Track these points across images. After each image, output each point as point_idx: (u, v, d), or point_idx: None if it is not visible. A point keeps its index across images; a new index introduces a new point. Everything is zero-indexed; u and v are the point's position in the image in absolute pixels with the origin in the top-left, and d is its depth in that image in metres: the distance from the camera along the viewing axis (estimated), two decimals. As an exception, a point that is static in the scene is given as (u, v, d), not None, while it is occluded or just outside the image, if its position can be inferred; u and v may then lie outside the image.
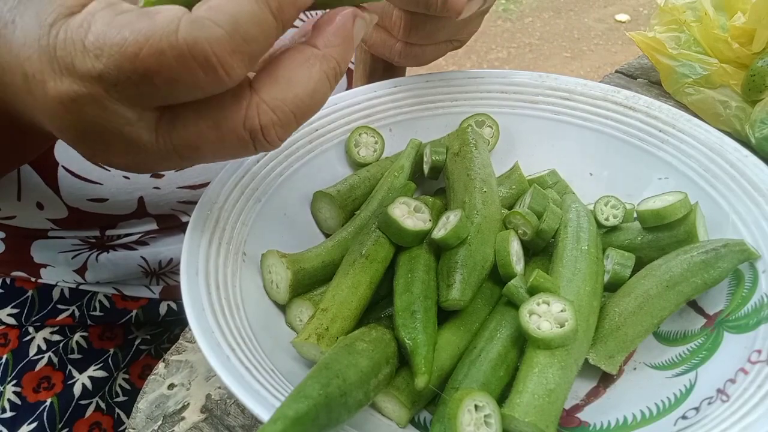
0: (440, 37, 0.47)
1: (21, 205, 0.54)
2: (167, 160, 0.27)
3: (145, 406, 0.39)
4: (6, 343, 0.58)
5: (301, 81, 0.27)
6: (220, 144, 0.26)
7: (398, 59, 0.48)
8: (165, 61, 0.23)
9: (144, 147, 0.27)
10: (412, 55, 0.47)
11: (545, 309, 0.34)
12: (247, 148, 0.27)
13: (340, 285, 0.37)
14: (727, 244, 0.37)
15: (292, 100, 0.27)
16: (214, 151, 0.27)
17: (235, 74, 0.24)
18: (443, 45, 0.48)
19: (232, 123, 0.26)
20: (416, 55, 0.47)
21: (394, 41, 0.47)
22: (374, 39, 0.47)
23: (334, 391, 0.26)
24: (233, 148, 0.27)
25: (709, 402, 0.31)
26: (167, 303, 0.62)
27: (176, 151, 0.27)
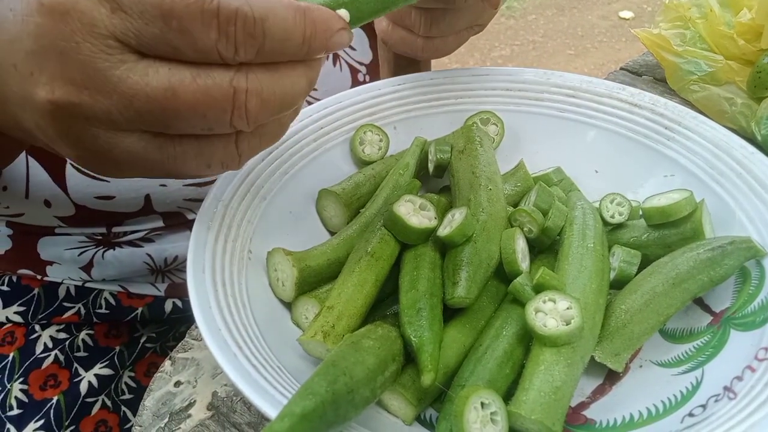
0: (461, 26, 0.47)
1: (29, 203, 0.54)
2: (141, 119, 0.27)
3: (151, 403, 0.39)
4: (13, 341, 0.58)
5: (294, 82, 0.28)
6: (200, 95, 0.26)
7: (421, 54, 0.48)
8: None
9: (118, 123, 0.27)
10: (434, 49, 0.47)
11: (551, 306, 0.34)
12: (224, 111, 0.27)
13: (346, 283, 0.37)
14: (734, 242, 0.37)
15: (280, 90, 0.27)
16: (192, 103, 0.26)
17: (241, 53, 0.25)
18: (464, 32, 0.48)
19: (220, 76, 0.26)
20: (438, 48, 0.48)
21: (415, 37, 0.47)
22: (395, 38, 0.48)
23: (341, 389, 0.26)
24: (212, 104, 0.26)
25: (716, 399, 0.31)
26: (173, 300, 0.63)
27: (151, 102, 0.26)
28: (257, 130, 0.30)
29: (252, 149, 0.30)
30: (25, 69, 0.26)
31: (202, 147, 0.29)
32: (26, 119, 0.29)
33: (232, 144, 0.29)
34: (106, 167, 0.30)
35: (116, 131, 0.27)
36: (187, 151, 0.28)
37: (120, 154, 0.28)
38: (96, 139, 0.27)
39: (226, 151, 0.29)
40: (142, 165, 0.29)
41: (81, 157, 0.29)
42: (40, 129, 0.28)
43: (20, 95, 0.27)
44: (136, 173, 0.30)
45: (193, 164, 0.29)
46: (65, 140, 0.28)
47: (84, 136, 0.27)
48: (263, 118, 0.28)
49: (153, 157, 0.28)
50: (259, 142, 0.30)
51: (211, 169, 0.30)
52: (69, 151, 0.29)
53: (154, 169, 0.29)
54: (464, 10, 0.45)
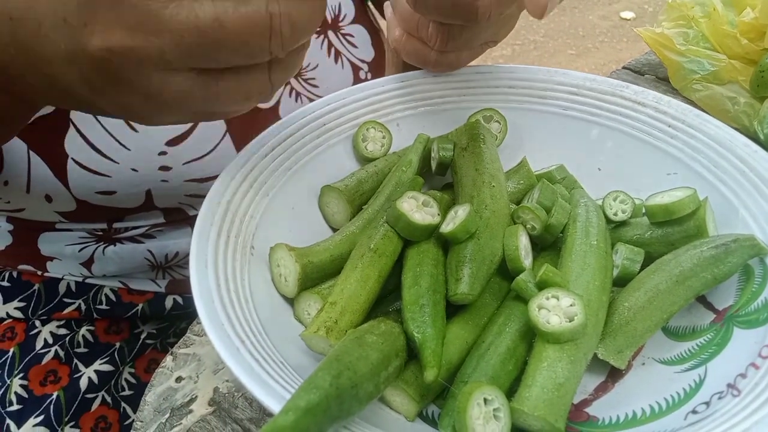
0: (477, 42, 0.46)
1: (30, 198, 0.54)
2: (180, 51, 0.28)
3: (152, 399, 0.39)
4: (13, 337, 0.58)
5: (312, 7, 0.29)
6: (244, 22, 0.27)
7: (433, 67, 0.48)
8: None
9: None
10: (447, 63, 0.47)
11: (554, 303, 0.34)
12: (263, 36, 0.28)
13: (349, 278, 0.37)
14: (737, 239, 0.37)
15: (306, 14, 0.29)
16: (237, 31, 0.27)
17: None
18: (479, 48, 0.47)
19: (258, 3, 0.27)
20: (452, 62, 0.47)
21: (429, 50, 0.46)
22: (409, 49, 0.47)
23: (345, 383, 0.26)
24: (254, 30, 0.27)
25: (719, 397, 0.31)
26: (173, 297, 0.62)
27: (201, 35, 0.27)
28: (285, 60, 0.31)
29: (281, 79, 0.32)
30: (78, 21, 0.27)
31: (241, 80, 0.30)
32: (71, 74, 0.29)
33: (266, 74, 0.31)
34: (152, 112, 0.31)
35: (167, 71, 0.28)
36: (229, 84, 0.30)
37: (169, 96, 0.29)
38: (148, 82, 0.28)
39: (261, 82, 0.31)
40: (187, 105, 0.30)
41: (130, 104, 0.30)
42: (88, 82, 0.29)
43: (69, 50, 0.28)
44: (181, 114, 0.31)
45: (234, 97, 0.30)
46: (117, 88, 0.29)
47: (137, 80, 0.28)
48: (294, 42, 0.29)
49: (199, 95, 0.29)
50: (285, 72, 0.32)
51: (249, 102, 0.32)
52: (118, 99, 0.30)
53: (198, 108, 0.31)
54: (484, 28, 0.45)
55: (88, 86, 0.30)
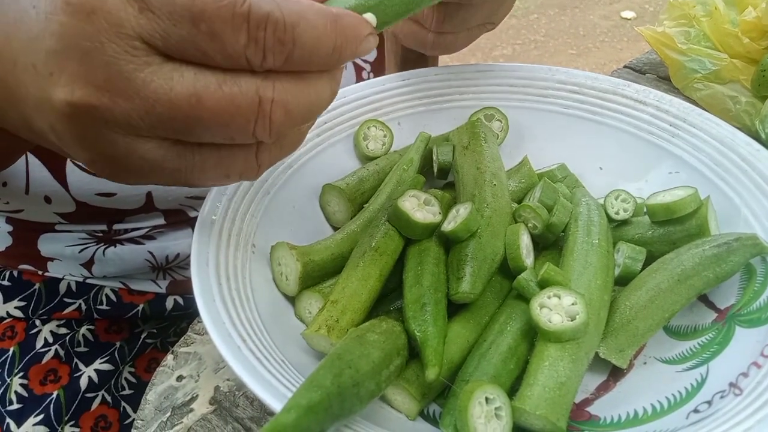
0: (474, 23, 0.46)
1: (29, 199, 0.54)
2: (162, 126, 0.26)
3: (153, 397, 0.39)
4: (13, 336, 0.58)
5: (318, 93, 0.27)
6: (225, 103, 0.25)
7: (431, 50, 0.47)
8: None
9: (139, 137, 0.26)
10: (444, 44, 0.47)
11: (556, 302, 0.34)
12: (248, 121, 0.26)
13: (350, 277, 0.37)
14: (739, 238, 0.37)
15: (306, 101, 0.26)
16: (216, 111, 0.25)
17: (269, 60, 0.24)
18: (476, 30, 0.47)
19: (247, 84, 0.25)
20: (449, 44, 0.47)
21: (426, 32, 0.46)
22: (405, 31, 0.47)
23: (347, 381, 0.26)
24: (237, 113, 0.25)
25: (721, 396, 0.31)
26: (174, 298, 0.62)
27: (174, 108, 0.25)
28: (278, 141, 0.29)
29: (272, 160, 0.29)
30: (45, 69, 0.25)
31: (222, 157, 0.28)
32: (40, 121, 0.28)
33: (252, 155, 0.28)
34: (119, 173, 0.29)
35: (135, 137, 0.26)
36: (206, 159, 0.27)
37: (137, 161, 0.27)
38: (113, 145, 0.26)
39: (246, 162, 0.28)
40: (158, 173, 0.28)
41: (95, 161, 0.28)
42: (55, 132, 0.27)
43: (37, 96, 0.26)
44: (151, 180, 0.29)
45: (211, 174, 0.28)
46: (81, 144, 0.27)
47: (101, 140, 0.26)
48: (286, 129, 0.27)
49: (171, 166, 0.27)
50: (279, 152, 0.29)
51: (229, 179, 0.29)
52: (83, 155, 0.28)
53: (170, 177, 0.28)
54: (478, 7, 0.44)
55: (55, 135, 0.28)
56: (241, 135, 0.26)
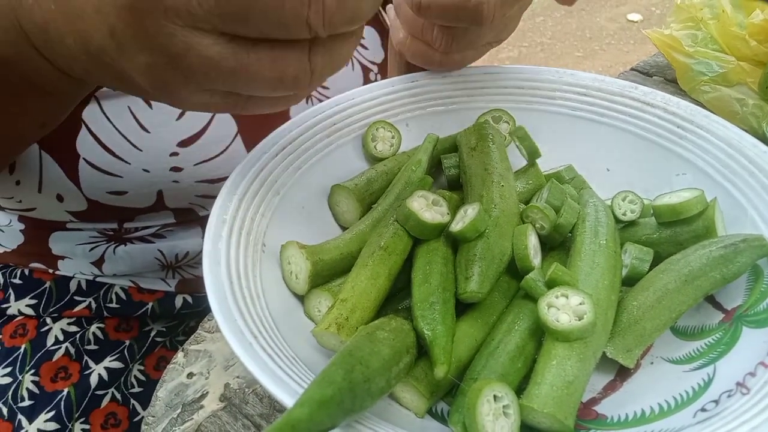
0: (481, 42, 0.46)
1: (41, 197, 0.54)
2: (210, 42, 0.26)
3: (164, 394, 0.40)
4: (24, 334, 0.59)
5: None
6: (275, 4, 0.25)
7: (438, 68, 0.48)
8: None
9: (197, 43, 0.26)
10: (452, 63, 0.47)
11: (564, 302, 0.34)
12: (302, 3, 0.25)
13: (360, 276, 0.37)
14: (746, 239, 0.37)
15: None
16: (264, 13, 0.25)
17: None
18: (483, 48, 0.48)
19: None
20: (456, 62, 0.47)
21: (434, 52, 0.46)
22: (414, 51, 0.47)
23: (358, 377, 0.27)
24: (291, 1, 0.25)
25: (729, 395, 0.31)
26: (183, 296, 0.63)
27: (221, 18, 0.25)
28: (329, 44, 0.28)
29: (324, 66, 0.29)
30: None
31: (276, 57, 0.27)
32: (98, 29, 0.27)
33: (306, 55, 0.28)
34: (176, 80, 0.28)
35: (193, 29, 0.26)
36: (261, 58, 0.27)
37: (194, 60, 0.27)
38: (172, 38, 0.26)
39: (299, 64, 0.28)
40: (215, 75, 0.27)
41: (153, 66, 0.28)
42: (114, 35, 0.27)
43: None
44: (206, 87, 0.28)
45: (267, 75, 0.28)
46: (140, 42, 0.27)
47: (160, 34, 0.26)
48: (338, 19, 0.26)
49: (227, 65, 0.27)
50: (330, 60, 0.29)
51: (283, 84, 0.28)
52: (142, 58, 0.28)
53: (226, 83, 0.28)
54: (487, 29, 0.45)
55: (114, 42, 0.27)
56: (296, 19, 0.26)
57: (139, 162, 0.53)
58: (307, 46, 0.28)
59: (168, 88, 0.29)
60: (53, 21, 0.30)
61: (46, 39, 0.31)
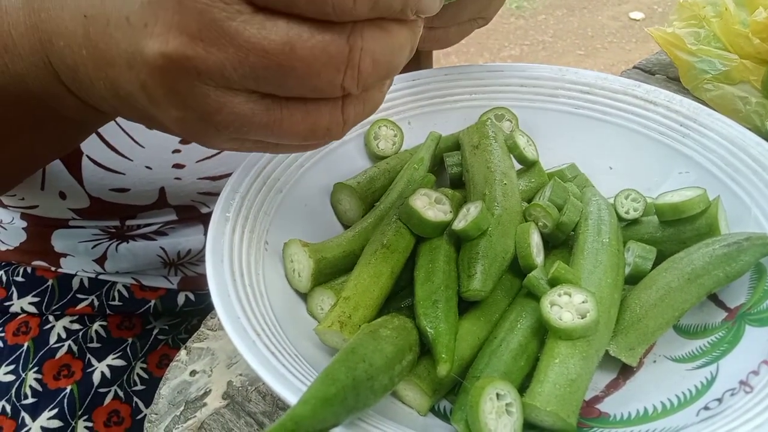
0: (464, 17, 0.46)
1: (44, 195, 0.54)
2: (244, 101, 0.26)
3: (167, 392, 0.40)
4: (27, 331, 0.59)
5: (401, 45, 0.27)
6: (318, 51, 0.25)
7: (422, 44, 0.48)
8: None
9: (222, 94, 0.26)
10: (435, 39, 0.47)
11: (567, 300, 0.34)
12: (338, 70, 0.25)
13: (362, 274, 0.37)
14: (750, 238, 0.37)
15: (390, 52, 0.27)
16: (309, 60, 0.25)
17: (358, 6, 0.24)
18: (467, 25, 0.47)
19: (338, 32, 0.25)
20: (440, 39, 0.47)
21: None
22: None
23: (361, 375, 0.27)
24: (328, 62, 0.25)
25: (732, 393, 0.31)
26: (185, 293, 0.63)
27: (267, 57, 0.24)
28: (362, 96, 0.29)
29: (356, 116, 0.29)
30: (139, 21, 0.25)
31: (309, 111, 0.27)
32: (130, 81, 0.28)
33: (338, 109, 0.28)
34: (208, 132, 0.28)
35: (226, 89, 0.26)
36: (293, 113, 0.27)
37: (227, 116, 0.27)
38: (205, 99, 0.26)
39: (332, 117, 0.28)
40: (247, 128, 0.27)
41: (184, 119, 0.28)
42: (146, 89, 0.27)
43: (129, 52, 0.26)
44: (238, 138, 0.29)
45: (299, 128, 0.28)
46: (172, 100, 0.27)
47: (193, 94, 0.26)
48: (372, 80, 0.27)
49: (259, 120, 0.27)
50: (363, 109, 0.29)
51: (315, 135, 0.28)
52: (173, 113, 0.28)
53: (258, 134, 0.28)
54: (468, 1, 0.45)
55: (145, 94, 0.28)
56: (330, 85, 0.26)
57: (141, 159, 0.53)
58: (340, 101, 0.28)
59: (200, 137, 0.30)
60: (83, 65, 0.30)
61: (76, 79, 0.31)
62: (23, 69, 0.32)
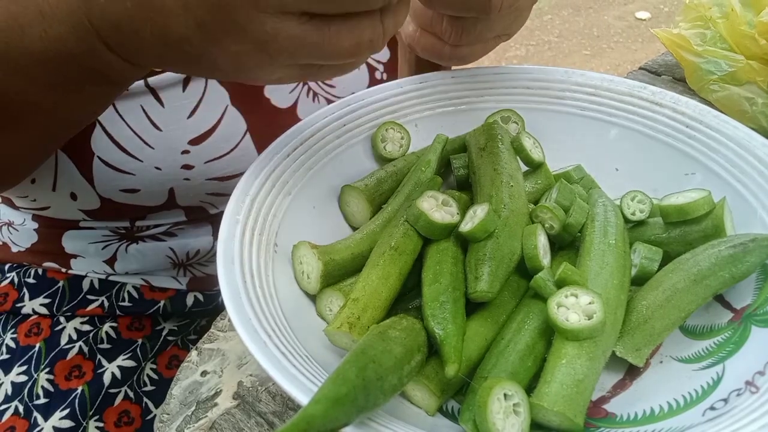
0: (490, 35, 0.47)
1: (56, 195, 0.55)
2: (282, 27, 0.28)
3: (178, 392, 0.40)
4: (39, 332, 0.60)
5: None
6: None
7: (447, 61, 0.49)
8: None
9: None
10: (461, 56, 0.48)
11: (573, 301, 0.34)
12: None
13: (371, 276, 0.37)
14: (756, 239, 0.37)
15: None
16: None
17: None
18: (492, 41, 0.48)
19: None
20: (465, 56, 0.48)
21: (443, 45, 0.47)
22: (423, 44, 0.48)
23: (371, 375, 0.27)
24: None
25: (738, 393, 0.32)
26: (194, 294, 0.64)
27: None
28: (395, 6, 0.31)
29: (394, 26, 0.32)
30: None
31: (353, 26, 0.30)
32: (183, 24, 0.29)
33: (378, 20, 0.31)
34: (263, 61, 0.30)
35: (282, 15, 0.28)
36: (341, 29, 0.30)
37: (282, 42, 0.29)
38: (263, 26, 0.28)
39: (374, 29, 0.31)
40: (300, 52, 0.30)
41: (240, 52, 0.30)
42: (203, 27, 0.29)
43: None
44: (291, 63, 0.31)
45: (346, 44, 0.30)
46: (231, 33, 0.29)
47: (251, 25, 0.28)
48: None
49: (311, 40, 0.29)
50: (397, 20, 0.32)
51: (360, 49, 0.31)
52: (232, 47, 0.29)
53: (310, 57, 0.30)
54: (496, 20, 0.45)
55: (202, 33, 0.29)
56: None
57: (151, 160, 0.53)
58: (378, 13, 0.31)
59: (252, 70, 0.31)
60: (127, 18, 0.31)
61: (118, 34, 0.32)
62: (62, 32, 0.33)
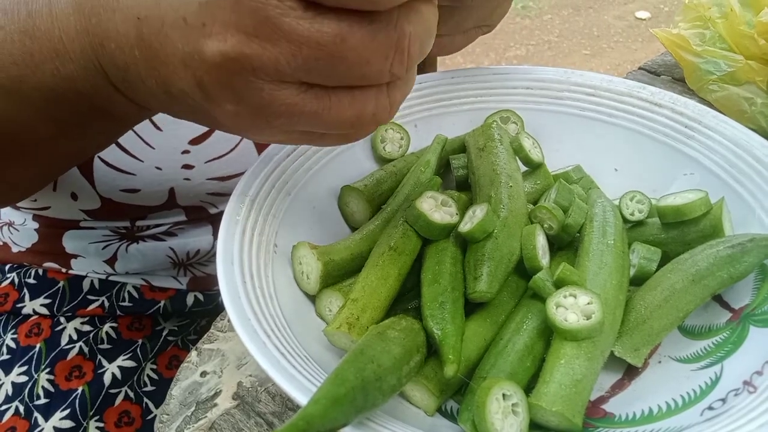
0: (469, 25, 0.46)
1: (56, 196, 0.55)
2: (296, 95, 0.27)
3: (178, 392, 0.40)
4: (39, 333, 0.60)
5: (433, 19, 0.28)
6: (368, 41, 0.26)
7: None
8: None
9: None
10: (440, 46, 0.47)
11: (572, 301, 0.34)
12: (386, 57, 0.26)
13: (370, 276, 0.38)
14: (754, 239, 0.38)
15: (430, 30, 0.28)
16: (359, 49, 0.26)
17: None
18: (472, 32, 0.48)
19: (386, 20, 0.26)
20: (445, 46, 0.47)
21: None
22: None
23: (370, 375, 0.27)
24: (377, 50, 0.26)
25: (735, 393, 0.32)
26: (194, 294, 0.64)
27: (320, 49, 0.26)
28: (405, 78, 0.30)
29: (402, 98, 0.30)
30: (197, 20, 0.26)
31: (356, 97, 0.29)
32: (184, 79, 0.29)
33: (384, 93, 0.29)
34: (260, 124, 0.30)
35: (279, 82, 0.27)
36: (341, 100, 0.28)
37: (279, 108, 0.28)
38: (259, 92, 0.27)
39: (378, 101, 0.29)
40: (297, 118, 0.29)
41: (238, 113, 0.29)
42: (201, 86, 0.28)
43: (185, 51, 0.27)
44: (288, 128, 0.30)
45: (346, 115, 0.29)
46: (228, 95, 0.28)
47: (247, 89, 0.27)
48: (416, 61, 0.28)
49: (309, 108, 0.28)
50: (404, 89, 0.30)
51: (361, 121, 0.29)
52: (228, 107, 0.29)
53: (307, 123, 0.29)
54: (473, 9, 0.45)
55: (200, 91, 0.29)
56: (379, 72, 0.27)
57: (151, 159, 0.53)
58: (385, 86, 0.29)
59: (252, 129, 0.31)
60: (134, 65, 0.30)
61: (126, 79, 0.32)
62: (73, 71, 0.33)
